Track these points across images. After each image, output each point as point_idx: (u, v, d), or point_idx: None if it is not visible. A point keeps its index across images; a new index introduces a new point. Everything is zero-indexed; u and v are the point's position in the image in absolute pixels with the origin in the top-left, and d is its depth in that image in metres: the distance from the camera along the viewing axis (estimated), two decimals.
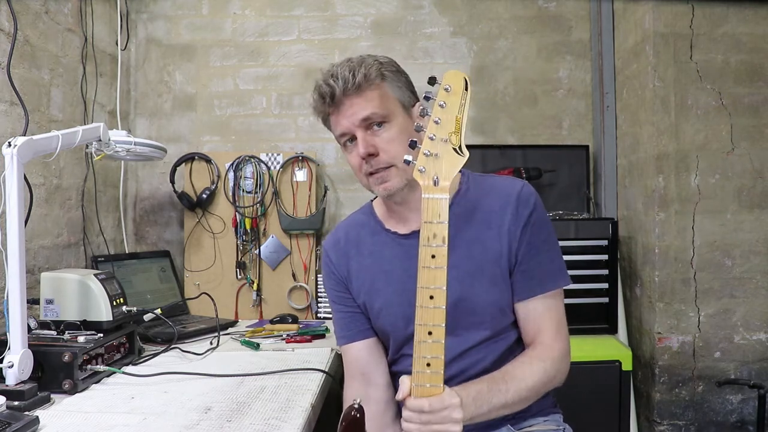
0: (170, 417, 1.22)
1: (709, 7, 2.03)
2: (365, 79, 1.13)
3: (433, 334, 0.92)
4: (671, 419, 2.06)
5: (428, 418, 0.92)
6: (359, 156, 1.14)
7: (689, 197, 2.06)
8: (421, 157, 0.95)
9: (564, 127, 2.56)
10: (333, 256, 1.29)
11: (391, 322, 1.20)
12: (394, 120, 1.15)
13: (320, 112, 1.20)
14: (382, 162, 1.13)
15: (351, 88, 1.12)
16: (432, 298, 0.93)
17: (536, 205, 1.17)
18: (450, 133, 0.94)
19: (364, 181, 1.19)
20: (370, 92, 1.13)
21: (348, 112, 1.13)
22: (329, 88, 1.14)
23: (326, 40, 2.58)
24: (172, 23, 2.58)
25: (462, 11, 2.57)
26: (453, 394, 0.94)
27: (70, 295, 1.53)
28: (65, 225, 2.04)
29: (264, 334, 2.01)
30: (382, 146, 1.13)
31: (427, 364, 0.93)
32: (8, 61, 1.68)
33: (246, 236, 2.40)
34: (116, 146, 1.73)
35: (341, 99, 1.13)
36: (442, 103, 0.94)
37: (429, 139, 0.95)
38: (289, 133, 2.59)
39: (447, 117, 0.94)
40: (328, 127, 1.22)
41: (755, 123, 2.05)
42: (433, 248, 0.93)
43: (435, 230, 0.93)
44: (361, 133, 1.13)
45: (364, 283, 1.23)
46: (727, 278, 2.06)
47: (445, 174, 0.94)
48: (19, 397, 1.23)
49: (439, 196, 0.94)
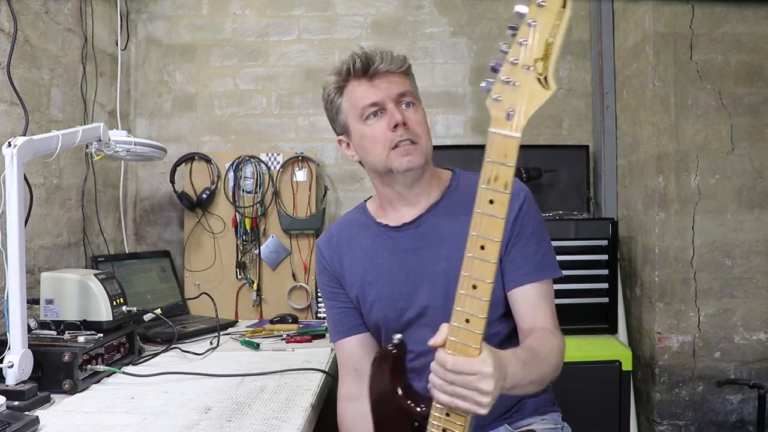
0: (170, 417, 1.22)
1: (709, 7, 2.03)
2: (404, 61, 1.18)
3: (477, 288, 0.85)
4: (671, 419, 2.06)
5: (453, 378, 0.85)
6: (390, 125, 1.14)
7: (689, 197, 2.06)
8: (497, 84, 0.80)
9: (564, 127, 2.56)
10: (326, 252, 1.30)
11: (383, 315, 1.21)
12: (420, 107, 1.20)
13: (337, 84, 1.19)
14: (411, 133, 1.15)
15: (392, 65, 1.16)
16: (483, 248, 0.84)
17: (526, 199, 1.18)
18: (536, 60, 0.78)
19: (382, 155, 1.16)
20: (406, 76, 1.19)
21: (383, 84, 1.15)
22: (370, 56, 1.15)
23: (326, 40, 2.58)
24: (172, 23, 2.58)
25: (462, 11, 2.57)
26: (488, 362, 0.84)
27: (70, 295, 1.53)
28: (65, 225, 2.04)
29: (264, 334, 2.01)
30: (412, 121, 1.15)
31: (466, 320, 0.85)
32: (8, 61, 1.68)
33: (246, 236, 2.40)
34: (116, 146, 1.73)
35: (379, 72, 1.15)
36: (531, 22, 0.77)
37: (510, 63, 0.79)
38: (289, 133, 2.59)
39: (535, 39, 0.78)
40: (336, 106, 1.21)
41: (755, 123, 2.05)
42: (492, 191, 0.82)
43: (498, 172, 0.81)
44: (394, 104, 1.15)
45: (357, 277, 1.24)
46: (727, 278, 2.05)
47: (524, 109, 0.79)
48: (19, 397, 1.23)
49: (509, 132, 0.80)
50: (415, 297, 1.18)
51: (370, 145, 1.17)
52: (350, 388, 1.26)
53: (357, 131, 1.19)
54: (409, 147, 1.14)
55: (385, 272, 1.21)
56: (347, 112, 1.19)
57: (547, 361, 1.04)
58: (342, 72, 1.17)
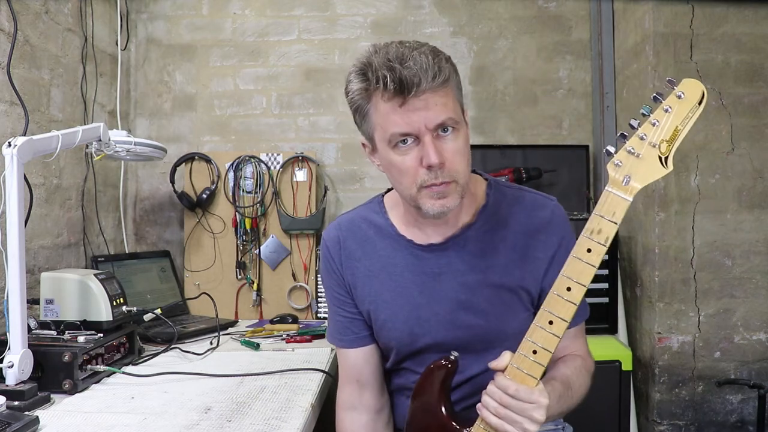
0: (170, 417, 1.22)
1: (709, 7, 2.03)
2: (448, 73, 0.95)
3: (553, 324, 0.89)
4: (671, 419, 2.06)
5: (509, 402, 0.88)
6: (424, 163, 0.96)
7: (689, 197, 2.06)
8: (622, 152, 0.89)
9: (564, 127, 2.56)
10: (335, 255, 1.17)
11: (395, 337, 1.13)
12: (462, 128, 0.99)
13: (364, 93, 0.98)
14: (447, 174, 0.97)
15: (435, 80, 0.92)
16: (569, 290, 0.89)
17: (566, 229, 1.12)
18: (662, 141, 0.88)
19: (410, 191, 1.00)
20: (448, 90, 0.96)
21: (420, 110, 0.93)
22: (405, 75, 0.91)
23: (326, 40, 2.58)
24: (172, 23, 2.58)
25: (462, 11, 2.57)
26: (545, 394, 0.89)
27: (70, 295, 1.53)
28: (65, 225, 2.04)
29: (264, 334, 2.01)
30: (449, 157, 0.96)
31: (533, 351, 0.90)
32: (8, 61, 1.68)
33: (246, 236, 2.40)
34: (116, 146, 1.73)
35: (415, 92, 0.92)
36: (667, 108, 0.87)
37: (639, 138, 0.88)
38: (289, 133, 2.59)
39: (667, 123, 0.87)
40: (363, 114, 1.01)
41: (755, 123, 2.05)
42: (593, 242, 0.88)
43: (603, 226, 0.89)
44: (430, 137, 0.95)
45: (371, 292, 1.14)
46: (727, 278, 2.05)
47: (640, 178, 0.88)
48: (19, 397, 1.23)
49: (623, 195, 0.88)
50: (432, 325, 1.10)
51: (397, 176, 1.01)
52: (350, 397, 1.22)
53: (383, 154, 1.01)
54: (443, 189, 0.98)
55: (403, 293, 1.11)
56: (374, 127, 1.00)
57: (578, 395, 1.04)
58: (372, 84, 0.96)
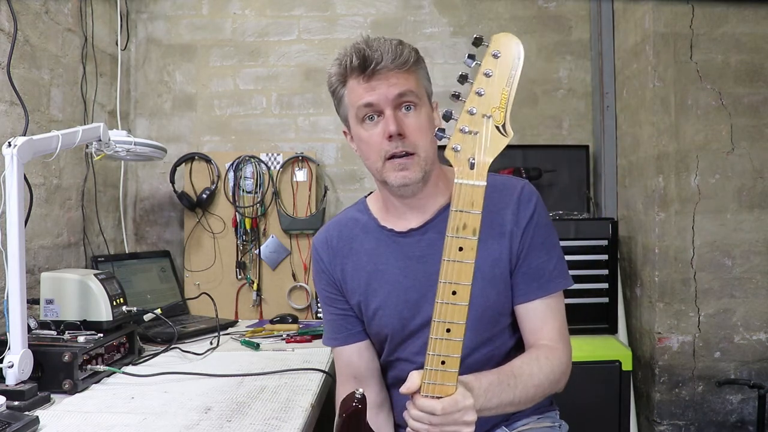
0: (170, 417, 1.22)
1: (709, 7, 2.03)
2: (408, 57, 1.07)
3: (451, 331, 0.86)
4: (671, 419, 2.06)
5: (440, 420, 0.88)
6: (385, 133, 1.05)
7: (689, 197, 2.06)
8: (456, 134, 0.82)
9: (564, 127, 2.56)
10: (324, 255, 1.22)
11: (386, 324, 1.17)
12: (424, 108, 1.09)
13: (339, 76, 1.10)
14: (408, 145, 1.05)
15: (395, 62, 1.05)
16: (455, 293, 0.86)
17: (537, 206, 1.14)
18: (494, 109, 0.81)
19: (377, 165, 1.09)
20: (409, 73, 1.07)
21: (382, 85, 1.05)
22: (369, 54, 1.04)
23: (326, 40, 2.58)
24: (172, 23, 2.58)
25: (462, 11, 2.57)
26: (467, 395, 0.89)
27: (70, 295, 1.53)
28: (65, 225, 2.04)
29: (264, 334, 2.01)
30: (409, 130, 1.06)
31: (441, 362, 0.87)
32: (8, 61, 1.68)
33: (246, 236, 2.40)
34: (116, 146, 1.73)
35: (379, 69, 1.04)
36: (488, 71, 0.81)
37: (468, 113, 0.82)
38: (289, 133, 2.59)
39: (492, 89, 0.81)
40: (338, 97, 1.13)
41: (755, 123, 2.05)
42: (461, 239, 0.84)
43: (466, 220, 0.84)
44: (391, 110, 1.05)
45: (360, 284, 1.19)
46: (727, 278, 2.06)
47: (485, 156, 0.82)
48: (19, 397, 1.23)
49: (474, 182, 0.83)
50: (421, 306, 1.13)
51: (366, 151, 1.11)
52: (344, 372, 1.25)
53: (355, 132, 1.12)
54: (404, 161, 1.06)
55: (389, 279, 1.16)
56: (347, 107, 1.12)
57: (532, 382, 1.02)
58: (343, 67, 1.08)
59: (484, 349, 1.14)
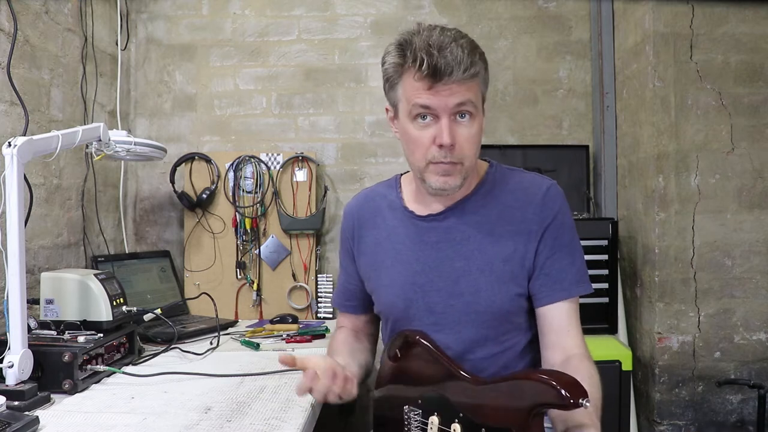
0: (170, 417, 1.22)
1: (709, 7, 2.03)
2: (477, 70, 1.04)
3: None
4: (671, 419, 2.06)
5: None
6: (436, 140, 1.04)
7: (689, 197, 2.06)
8: None
9: (564, 127, 2.56)
10: (350, 225, 1.30)
11: (391, 302, 1.20)
12: (478, 117, 1.08)
13: (398, 67, 1.06)
14: (456, 156, 1.05)
15: (465, 73, 1.01)
16: None
17: (562, 207, 1.15)
18: None
19: (420, 164, 1.09)
20: (473, 82, 1.04)
21: (446, 92, 1.02)
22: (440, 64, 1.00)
23: (326, 40, 2.58)
24: (172, 23, 2.58)
25: (462, 11, 2.57)
26: None
27: (70, 295, 1.53)
28: (65, 225, 2.04)
29: (264, 334, 2.01)
30: (461, 140, 1.05)
31: None
32: (8, 61, 1.68)
33: (246, 236, 2.40)
34: (116, 146, 1.73)
35: (445, 80, 1.01)
36: None
37: None
38: (289, 133, 2.59)
39: None
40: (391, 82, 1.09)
41: (755, 123, 2.05)
42: None
43: None
44: (447, 118, 1.04)
45: (376, 259, 1.23)
46: (727, 278, 2.06)
47: None
48: (19, 397, 1.23)
49: None
50: (426, 291, 1.15)
51: (412, 148, 1.09)
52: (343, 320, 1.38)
53: (403, 124, 1.10)
54: (449, 168, 1.06)
55: (401, 259, 1.18)
56: (399, 98, 1.09)
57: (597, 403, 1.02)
58: (408, 61, 1.04)
59: (489, 347, 1.14)
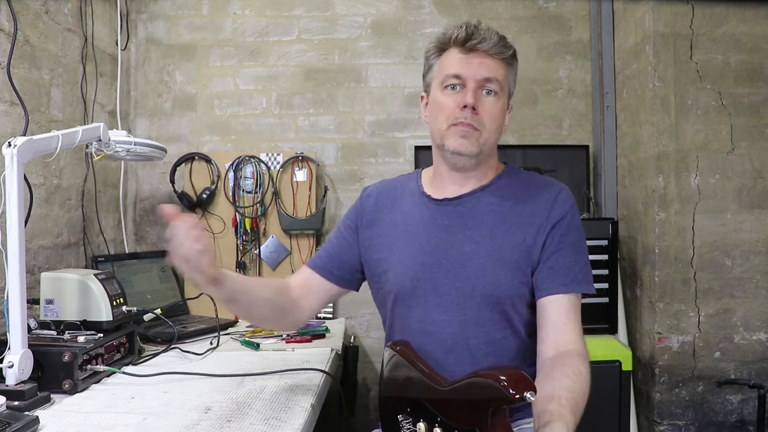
0: (170, 417, 1.22)
1: (709, 7, 2.03)
2: (508, 51, 1.16)
3: None
4: (671, 419, 2.06)
5: None
6: (460, 103, 1.13)
7: (689, 197, 2.06)
8: None
9: (564, 127, 2.56)
10: (368, 202, 1.32)
11: (398, 281, 1.20)
12: (502, 100, 1.18)
13: (439, 44, 1.20)
14: (476, 120, 1.13)
15: (495, 47, 1.14)
16: None
17: (572, 208, 1.19)
18: None
19: (442, 127, 1.17)
20: (503, 64, 1.17)
21: (476, 62, 1.14)
22: (476, 32, 1.14)
23: (326, 40, 2.58)
24: (172, 23, 2.58)
25: (462, 11, 2.57)
26: None
27: (70, 295, 1.53)
28: (65, 225, 2.04)
29: (264, 334, 2.01)
30: (483, 109, 1.14)
31: None
32: (8, 61, 1.68)
33: (246, 236, 2.40)
34: (116, 146, 1.73)
35: (479, 47, 1.14)
36: None
37: None
38: (289, 133, 2.59)
39: None
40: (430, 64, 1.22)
41: (755, 123, 2.05)
42: None
43: None
44: (474, 87, 1.14)
45: (390, 241, 1.25)
46: (727, 278, 2.05)
47: None
48: (19, 397, 1.23)
49: None
50: (434, 272, 1.18)
51: (437, 113, 1.18)
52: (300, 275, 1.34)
53: (434, 95, 1.20)
54: (467, 130, 1.14)
55: (413, 241, 1.21)
56: (434, 74, 1.20)
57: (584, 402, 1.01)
58: (447, 36, 1.17)
59: (491, 332, 1.14)
